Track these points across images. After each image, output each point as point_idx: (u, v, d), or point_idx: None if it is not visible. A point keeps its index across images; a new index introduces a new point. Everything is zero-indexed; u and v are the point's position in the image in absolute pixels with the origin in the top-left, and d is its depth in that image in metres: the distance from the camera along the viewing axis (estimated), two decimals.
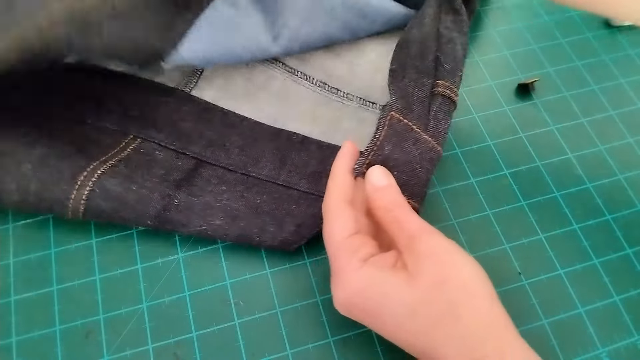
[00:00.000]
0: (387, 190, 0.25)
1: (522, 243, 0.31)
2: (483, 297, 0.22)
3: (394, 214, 0.24)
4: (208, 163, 0.32)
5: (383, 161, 0.27)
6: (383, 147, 0.27)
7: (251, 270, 0.30)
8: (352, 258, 0.23)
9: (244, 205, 0.30)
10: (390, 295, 0.22)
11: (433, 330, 0.21)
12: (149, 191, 0.29)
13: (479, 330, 0.21)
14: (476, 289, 0.22)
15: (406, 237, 0.23)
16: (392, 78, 0.31)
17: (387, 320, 0.22)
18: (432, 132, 0.29)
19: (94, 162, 0.29)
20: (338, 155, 0.27)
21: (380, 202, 0.25)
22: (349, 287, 0.23)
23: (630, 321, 0.29)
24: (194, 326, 0.28)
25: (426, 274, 0.22)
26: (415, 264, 0.22)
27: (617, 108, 0.37)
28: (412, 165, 0.27)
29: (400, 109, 0.29)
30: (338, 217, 0.24)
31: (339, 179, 0.26)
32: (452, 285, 0.22)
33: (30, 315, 0.28)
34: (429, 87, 0.31)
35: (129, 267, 0.30)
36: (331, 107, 0.35)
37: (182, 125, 0.33)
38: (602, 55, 0.39)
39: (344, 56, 0.36)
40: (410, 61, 0.32)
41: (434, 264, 0.22)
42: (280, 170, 0.32)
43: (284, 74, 0.35)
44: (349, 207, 0.25)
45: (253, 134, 0.33)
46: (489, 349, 0.21)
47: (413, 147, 0.28)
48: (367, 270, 0.23)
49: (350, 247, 0.23)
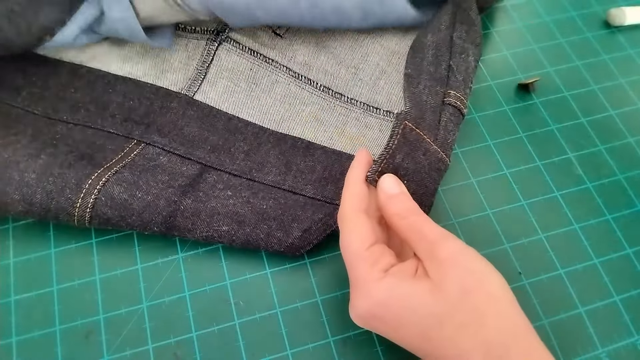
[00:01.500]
0: (399, 197, 0.25)
1: (522, 243, 0.31)
2: (507, 304, 0.22)
3: (410, 222, 0.24)
4: (213, 168, 0.32)
5: (394, 170, 0.27)
6: (395, 155, 0.27)
7: (251, 270, 0.30)
8: (373, 269, 0.23)
9: (250, 211, 0.30)
10: (415, 306, 0.22)
11: (459, 338, 0.21)
12: (155, 198, 0.29)
13: (504, 336, 0.21)
14: (500, 296, 0.22)
15: (426, 244, 0.23)
16: (407, 84, 0.31)
17: (411, 330, 0.22)
18: (440, 143, 0.29)
19: (98, 170, 0.29)
20: (352, 164, 0.27)
21: (394, 210, 0.25)
22: (370, 298, 0.22)
23: (630, 321, 0.29)
24: (194, 326, 0.28)
25: (451, 283, 0.22)
26: (438, 271, 0.22)
27: (617, 108, 0.37)
28: (421, 175, 0.27)
29: (413, 117, 0.29)
30: (356, 227, 0.24)
31: (354, 188, 0.26)
32: (478, 292, 0.22)
33: (30, 315, 0.28)
34: (441, 96, 0.30)
35: (129, 267, 0.30)
36: (335, 112, 0.35)
37: (186, 130, 0.33)
38: (602, 55, 0.39)
39: (348, 61, 0.36)
40: (425, 67, 0.31)
41: (459, 272, 0.22)
42: (285, 175, 0.31)
43: (288, 79, 0.35)
44: (366, 217, 0.24)
45: (258, 139, 0.33)
46: (514, 354, 0.21)
47: (423, 157, 0.28)
48: (389, 281, 0.22)
49: (371, 257, 0.23)
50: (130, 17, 0.31)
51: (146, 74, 0.35)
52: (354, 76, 0.35)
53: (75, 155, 0.30)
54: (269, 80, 0.35)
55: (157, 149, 0.32)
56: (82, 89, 0.34)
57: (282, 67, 0.35)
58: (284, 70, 0.35)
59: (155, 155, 0.32)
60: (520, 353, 0.21)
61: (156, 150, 0.32)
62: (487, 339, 0.21)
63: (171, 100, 0.34)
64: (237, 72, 0.35)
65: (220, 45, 0.36)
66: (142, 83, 0.34)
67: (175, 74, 0.35)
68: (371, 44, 0.36)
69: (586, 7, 0.42)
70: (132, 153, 0.31)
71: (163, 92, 0.34)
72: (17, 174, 0.29)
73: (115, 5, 0.31)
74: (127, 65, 0.35)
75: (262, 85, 0.35)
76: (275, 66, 0.35)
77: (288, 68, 0.35)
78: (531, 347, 0.21)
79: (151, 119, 0.33)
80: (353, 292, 0.24)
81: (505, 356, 0.21)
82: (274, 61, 0.35)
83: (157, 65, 0.35)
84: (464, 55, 0.33)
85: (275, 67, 0.35)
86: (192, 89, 0.34)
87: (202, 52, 0.35)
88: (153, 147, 0.32)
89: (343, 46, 0.36)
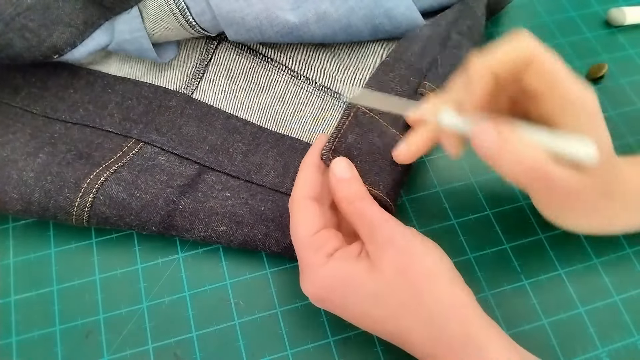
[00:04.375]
0: (349, 182, 0.25)
1: (522, 243, 0.31)
2: (443, 281, 0.23)
3: (355, 206, 0.25)
4: (211, 169, 0.32)
5: (347, 148, 0.27)
6: (346, 135, 0.27)
7: (251, 270, 0.30)
8: (317, 254, 0.24)
9: (248, 212, 0.30)
10: (354, 286, 0.23)
11: (399, 316, 0.23)
12: (153, 197, 0.29)
13: (442, 312, 0.22)
14: (436, 273, 0.23)
15: (367, 227, 0.24)
16: (377, 71, 0.31)
17: (354, 309, 0.24)
18: (401, 128, 0.29)
19: (97, 169, 0.29)
20: (309, 150, 0.27)
21: (342, 194, 0.25)
22: (316, 282, 0.24)
23: (630, 321, 0.29)
24: (194, 326, 0.28)
25: (387, 263, 0.23)
26: (376, 253, 0.23)
27: (617, 108, 0.37)
28: (375, 156, 0.27)
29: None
30: (302, 214, 0.25)
31: (305, 173, 0.26)
32: (413, 271, 0.23)
33: (30, 315, 0.28)
34: (413, 85, 0.31)
35: (129, 267, 0.30)
36: (334, 112, 0.34)
37: (184, 129, 0.33)
38: (602, 55, 0.39)
39: (347, 60, 0.36)
40: (407, 56, 0.31)
41: (395, 253, 0.23)
42: (284, 178, 0.31)
43: (287, 78, 0.35)
44: (313, 204, 0.25)
45: (256, 140, 0.33)
46: (453, 329, 0.22)
47: (378, 139, 0.28)
48: (332, 265, 0.24)
49: (316, 243, 0.24)
50: (142, 36, 0.32)
51: (145, 74, 0.35)
52: (354, 76, 0.35)
53: (74, 154, 0.30)
54: (267, 79, 0.35)
55: (156, 148, 0.32)
56: (81, 89, 0.34)
57: (281, 66, 0.35)
58: (282, 69, 0.35)
59: (154, 154, 0.32)
60: (459, 327, 0.22)
61: (154, 150, 0.32)
62: (425, 317, 0.22)
63: (169, 99, 0.34)
64: (236, 71, 0.35)
65: (219, 43, 0.35)
66: (141, 82, 0.34)
67: (173, 72, 0.35)
68: (371, 44, 0.36)
69: (586, 7, 0.42)
70: (131, 152, 0.31)
71: (161, 91, 0.34)
72: (15, 172, 0.29)
73: (126, 26, 0.32)
74: (126, 66, 0.35)
75: (260, 84, 0.35)
76: (274, 65, 0.35)
77: (287, 67, 0.35)
78: (471, 321, 0.22)
79: (149, 117, 0.33)
80: (301, 276, 0.25)
81: (446, 327, 0.22)
82: (272, 60, 0.35)
83: (155, 65, 0.35)
84: (456, 50, 0.33)
85: (274, 66, 0.35)
86: (190, 87, 0.34)
87: (201, 50, 0.35)
88: (151, 146, 0.32)
89: (342, 45, 0.36)
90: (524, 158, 0.21)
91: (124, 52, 0.33)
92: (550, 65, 0.21)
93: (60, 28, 0.30)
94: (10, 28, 0.29)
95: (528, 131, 0.22)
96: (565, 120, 0.22)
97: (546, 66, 0.21)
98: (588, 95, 0.22)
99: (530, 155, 0.21)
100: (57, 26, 0.30)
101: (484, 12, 0.35)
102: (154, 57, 0.33)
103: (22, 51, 0.30)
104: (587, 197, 0.23)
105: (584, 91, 0.22)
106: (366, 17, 0.33)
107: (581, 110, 0.22)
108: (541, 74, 0.21)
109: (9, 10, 0.29)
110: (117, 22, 0.32)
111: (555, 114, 0.22)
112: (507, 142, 0.21)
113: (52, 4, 0.30)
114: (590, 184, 0.23)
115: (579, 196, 0.23)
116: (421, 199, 0.33)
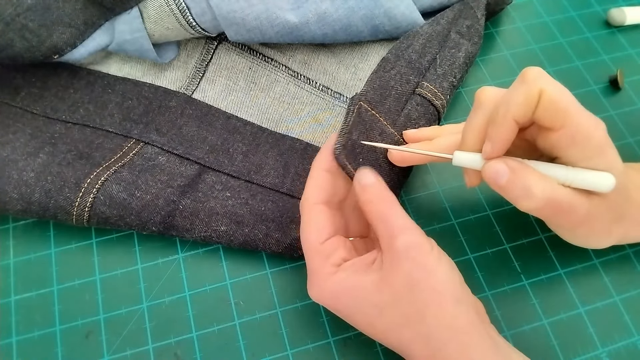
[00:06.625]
0: (374, 186, 0.25)
1: (522, 243, 0.31)
2: (449, 301, 0.22)
3: (379, 208, 0.24)
4: (212, 169, 0.32)
5: (352, 145, 0.27)
6: (352, 132, 0.27)
7: (251, 270, 0.30)
8: (326, 263, 0.24)
9: (248, 212, 0.30)
10: (359, 297, 0.23)
11: (401, 329, 0.23)
12: (154, 197, 0.29)
13: (441, 333, 0.22)
14: (442, 290, 0.23)
15: (387, 235, 0.24)
16: (379, 67, 0.31)
17: (359, 319, 0.24)
18: (399, 128, 0.29)
19: (97, 169, 0.29)
20: (320, 150, 0.27)
21: (366, 197, 0.25)
22: (322, 290, 0.24)
23: (630, 321, 0.29)
24: (194, 326, 0.28)
25: (398, 276, 0.23)
26: (391, 264, 0.23)
27: (617, 108, 0.37)
28: (376, 155, 0.28)
29: (371, 99, 0.29)
30: (312, 220, 0.25)
31: (316, 176, 0.26)
32: (421, 287, 0.22)
33: (30, 315, 0.28)
34: (412, 85, 0.31)
35: (129, 267, 0.30)
36: (334, 112, 0.34)
37: (184, 129, 0.33)
38: (602, 55, 0.39)
39: (347, 60, 0.36)
40: (408, 54, 0.32)
41: (408, 266, 0.23)
42: (284, 178, 0.31)
43: (287, 78, 0.35)
44: (325, 210, 0.25)
45: (256, 140, 0.33)
46: (452, 350, 0.22)
47: (379, 138, 0.28)
48: (340, 276, 0.24)
49: (324, 252, 0.24)
50: (142, 37, 0.32)
51: (145, 74, 0.35)
52: (354, 76, 0.35)
53: (74, 155, 0.30)
54: (268, 79, 0.35)
55: (156, 148, 0.32)
56: (81, 89, 0.34)
57: (281, 66, 0.35)
58: (282, 69, 0.35)
59: (154, 154, 0.32)
60: (459, 349, 0.22)
61: (155, 150, 0.32)
62: (426, 333, 0.22)
63: (170, 99, 0.34)
64: (236, 71, 0.35)
65: (219, 44, 0.35)
66: (141, 83, 0.34)
67: (174, 72, 0.35)
68: (371, 44, 0.36)
69: (586, 7, 0.42)
70: (131, 152, 0.31)
71: (162, 91, 0.34)
72: (15, 172, 0.29)
73: (126, 27, 0.32)
74: (126, 66, 0.35)
75: (260, 84, 0.35)
76: (274, 65, 0.35)
77: (287, 67, 0.35)
78: (471, 345, 0.22)
79: (150, 118, 0.33)
80: (308, 281, 0.25)
81: (443, 349, 0.22)
82: (273, 60, 0.35)
83: (156, 65, 0.35)
84: (454, 50, 0.33)
85: (274, 66, 0.35)
86: (190, 87, 0.34)
87: (202, 50, 0.35)
88: (152, 146, 0.32)
89: (342, 45, 0.36)
90: (535, 189, 0.22)
91: (124, 52, 0.33)
92: (559, 99, 0.22)
93: (61, 28, 0.30)
94: (11, 28, 0.29)
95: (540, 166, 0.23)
96: (576, 151, 0.22)
97: (556, 100, 0.22)
98: (598, 126, 0.22)
99: (541, 187, 0.22)
100: (57, 26, 0.30)
101: (483, 12, 0.35)
102: (154, 57, 0.33)
103: (23, 51, 0.30)
104: (602, 220, 0.24)
105: (593, 123, 0.22)
106: (366, 17, 0.33)
107: (592, 141, 0.22)
108: (551, 108, 0.22)
109: (9, 11, 0.29)
110: (118, 23, 0.32)
111: (566, 145, 0.23)
112: (517, 176, 0.22)
113: (52, 4, 0.30)
114: (605, 208, 0.23)
115: (593, 220, 0.24)
116: (421, 199, 0.33)
